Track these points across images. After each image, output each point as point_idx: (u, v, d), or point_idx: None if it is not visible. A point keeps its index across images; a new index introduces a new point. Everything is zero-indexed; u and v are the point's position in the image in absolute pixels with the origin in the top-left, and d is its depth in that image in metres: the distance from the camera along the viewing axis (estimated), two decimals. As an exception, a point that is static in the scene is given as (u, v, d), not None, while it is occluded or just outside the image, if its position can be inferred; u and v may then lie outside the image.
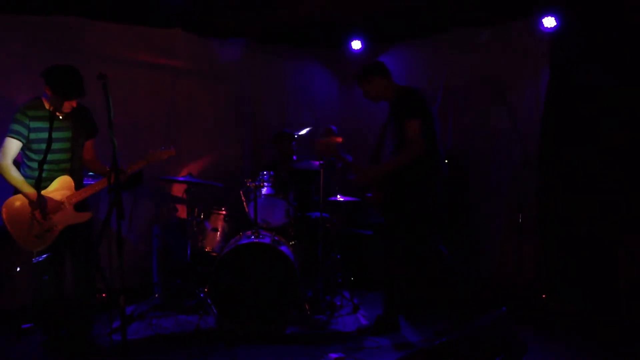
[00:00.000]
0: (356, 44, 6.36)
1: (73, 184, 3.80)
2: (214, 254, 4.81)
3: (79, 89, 3.66)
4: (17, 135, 3.65)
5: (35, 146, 3.70)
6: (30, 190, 3.65)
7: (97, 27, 5.30)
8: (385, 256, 4.25)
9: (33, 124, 3.67)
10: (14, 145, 3.66)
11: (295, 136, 5.28)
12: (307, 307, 4.53)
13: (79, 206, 3.83)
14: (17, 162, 3.77)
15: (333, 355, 3.73)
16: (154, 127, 5.65)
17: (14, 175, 3.66)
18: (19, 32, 4.92)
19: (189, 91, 5.91)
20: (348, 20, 6.01)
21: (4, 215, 3.68)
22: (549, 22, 4.93)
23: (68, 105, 3.72)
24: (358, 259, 5.56)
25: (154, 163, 4.10)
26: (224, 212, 4.99)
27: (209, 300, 4.45)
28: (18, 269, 4.35)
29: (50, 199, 3.71)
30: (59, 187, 3.76)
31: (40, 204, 3.65)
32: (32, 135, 3.68)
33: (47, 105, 3.71)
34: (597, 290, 4.76)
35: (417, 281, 4.59)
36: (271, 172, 4.87)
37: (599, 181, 4.84)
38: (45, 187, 3.74)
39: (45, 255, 3.79)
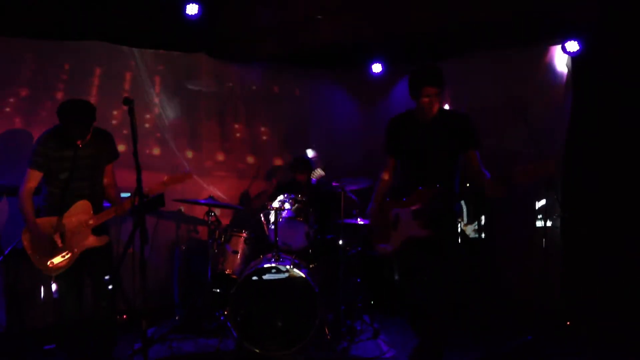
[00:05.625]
0: (376, 67, 6.38)
1: (91, 208, 3.82)
2: (234, 277, 4.80)
3: (83, 130, 3.70)
4: (37, 166, 3.73)
5: (56, 174, 3.76)
6: (32, 224, 3.71)
7: (121, 50, 5.40)
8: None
9: (54, 154, 3.72)
10: (34, 176, 3.75)
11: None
12: (327, 332, 4.49)
13: (97, 230, 3.85)
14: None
15: (354, 382, 3.68)
16: (177, 148, 5.72)
17: (28, 205, 3.74)
18: (40, 56, 5.04)
19: (211, 113, 5.99)
20: (369, 43, 6.05)
21: (24, 240, 3.75)
22: (572, 46, 4.91)
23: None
24: (378, 282, 5.51)
25: (172, 186, 4.07)
26: (244, 235, 4.99)
27: (228, 324, 4.43)
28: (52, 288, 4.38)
29: (67, 224, 3.75)
30: (76, 212, 3.79)
31: (59, 229, 3.71)
32: (53, 165, 3.74)
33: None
34: (625, 314, 4.64)
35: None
36: (292, 195, 4.86)
37: (623, 204, 4.76)
38: (64, 212, 3.78)
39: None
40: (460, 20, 5.30)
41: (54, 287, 3.90)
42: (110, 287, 3.95)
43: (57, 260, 3.73)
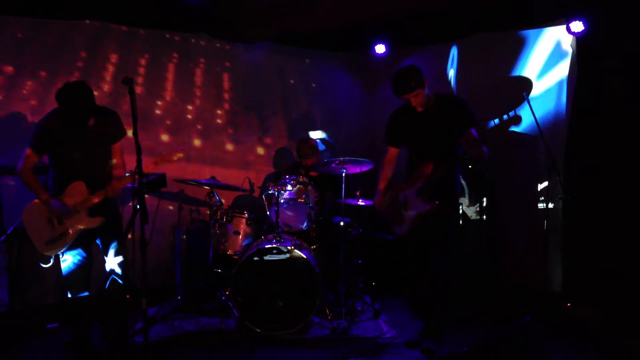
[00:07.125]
0: (380, 48, 6.31)
1: (86, 189, 3.79)
2: (236, 257, 4.83)
3: (84, 112, 3.65)
4: (36, 148, 3.73)
5: (59, 156, 3.76)
6: (42, 193, 3.74)
7: (123, 31, 5.39)
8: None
9: (56, 136, 3.70)
10: (32, 156, 3.75)
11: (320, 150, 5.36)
12: (328, 312, 4.52)
13: (93, 211, 3.82)
14: (46, 165, 3.86)
15: (354, 361, 3.71)
16: (179, 129, 5.72)
17: (30, 180, 3.75)
18: (49, 37, 5.02)
19: (214, 94, 5.98)
20: (372, 24, 5.99)
21: (23, 221, 3.77)
22: (577, 26, 4.84)
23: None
24: (379, 263, 5.53)
25: (163, 165, 3.99)
26: (246, 216, 5.00)
27: (230, 303, 4.46)
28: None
29: (61, 203, 3.75)
30: (71, 193, 3.78)
31: (53, 207, 3.72)
32: (55, 147, 3.73)
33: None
34: (625, 298, 4.65)
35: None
36: (293, 176, 4.86)
37: (626, 186, 4.74)
38: (61, 193, 3.78)
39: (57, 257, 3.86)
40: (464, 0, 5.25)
41: (62, 264, 3.91)
42: (120, 265, 3.92)
43: (53, 240, 3.75)
